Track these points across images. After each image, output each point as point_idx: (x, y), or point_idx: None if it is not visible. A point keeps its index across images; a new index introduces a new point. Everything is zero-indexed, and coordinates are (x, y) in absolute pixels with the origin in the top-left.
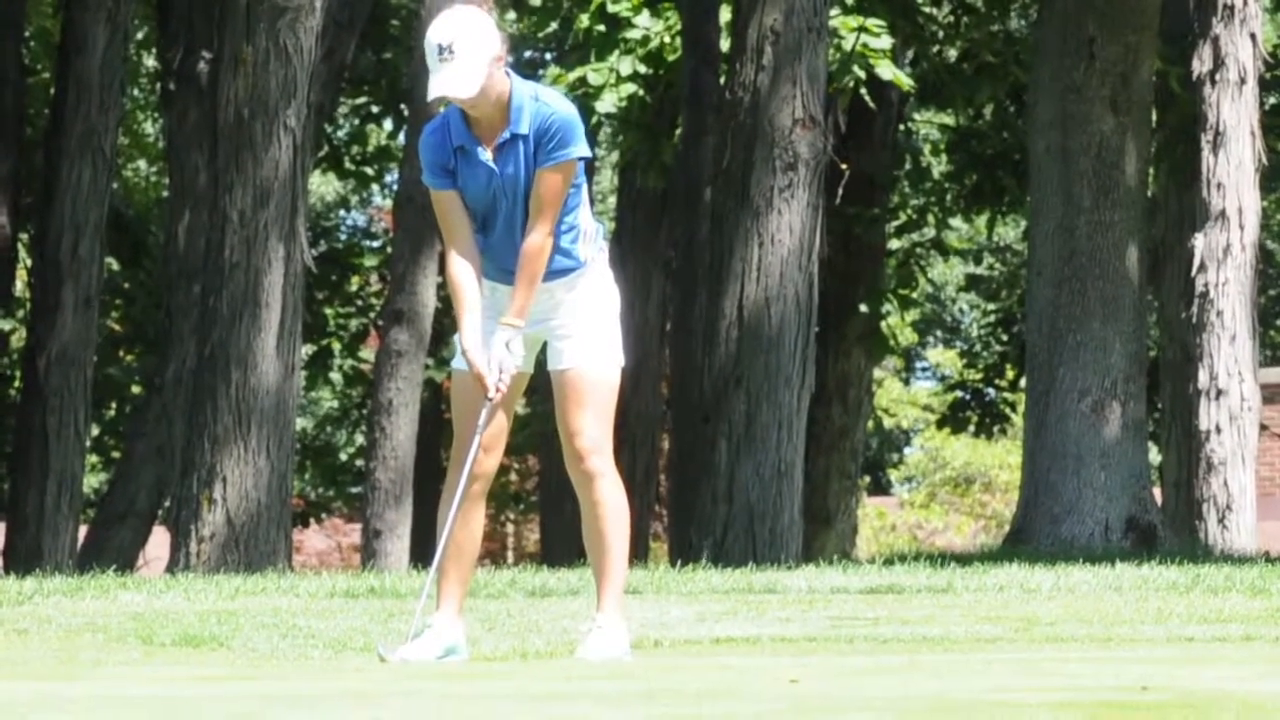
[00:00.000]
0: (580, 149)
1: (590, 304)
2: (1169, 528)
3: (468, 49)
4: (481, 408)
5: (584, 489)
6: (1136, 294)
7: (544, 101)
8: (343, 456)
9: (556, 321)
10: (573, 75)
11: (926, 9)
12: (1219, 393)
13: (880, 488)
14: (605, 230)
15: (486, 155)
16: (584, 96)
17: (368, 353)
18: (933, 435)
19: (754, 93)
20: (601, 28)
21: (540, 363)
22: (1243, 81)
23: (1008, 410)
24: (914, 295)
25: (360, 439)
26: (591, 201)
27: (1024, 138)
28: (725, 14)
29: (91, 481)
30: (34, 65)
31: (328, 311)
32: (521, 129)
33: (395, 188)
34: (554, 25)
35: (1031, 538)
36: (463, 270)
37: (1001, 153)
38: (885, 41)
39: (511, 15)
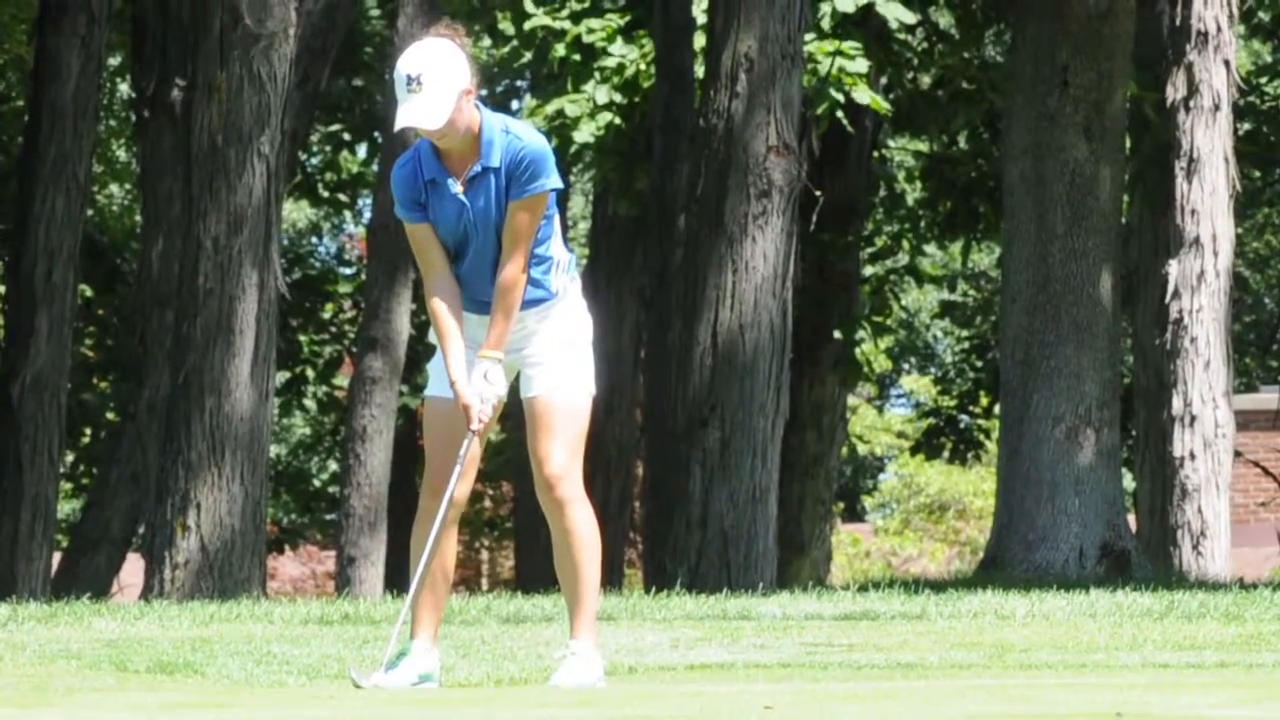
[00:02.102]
0: (552, 181)
1: (562, 333)
2: (1143, 554)
3: (436, 80)
4: (463, 438)
5: (554, 517)
6: (1110, 320)
7: (514, 134)
8: (316, 483)
9: (529, 350)
10: (550, 107)
11: (901, 35)
12: (1193, 419)
13: (854, 514)
14: (576, 259)
15: (457, 188)
16: (561, 127)
17: (342, 379)
18: (907, 462)
19: (728, 119)
20: (577, 57)
21: (514, 390)
22: (1216, 108)
23: (982, 437)
24: (888, 322)
25: (334, 466)
26: (565, 229)
27: (998, 164)
28: (700, 41)
29: (65, 508)
30: (7, 92)
31: (301, 338)
32: (492, 162)
33: (368, 215)
34: (528, 56)
35: (1006, 564)
36: (442, 301)
37: (976, 179)
38: (861, 65)
39: (487, 42)
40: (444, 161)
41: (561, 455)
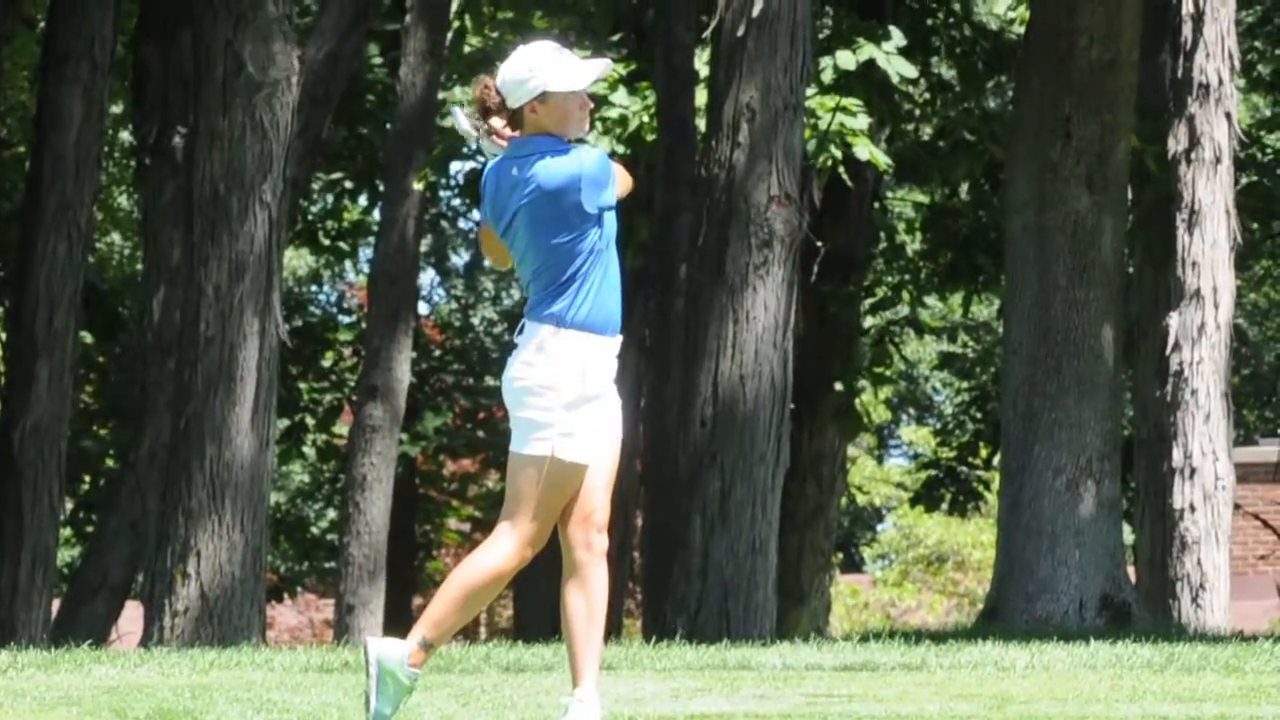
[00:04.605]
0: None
1: (516, 379)
2: (1143, 606)
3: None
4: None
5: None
6: (1111, 372)
7: None
8: (315, 531)
9: None
10: None
11: (903, 87)
12: (1193, 472)
13: (853, 565)
14: (550, 315)
15: None
16: None
17: (341, 428)
18: (906, 513)
19: (730, 169)
20: None
21: None
22: (1218, 160)
23: (981, 488)
24: (888, 373)
25: (333, 514)
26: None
27: (999, 216)
28: (702, 91)
29: (65, 555)
30: (10, 139)
31: (301, 386)
32: None
33: (368, 263)
34: None
35: (1006, 615)
36: None
37: (977, 231)
38: (862, 121)
39: None
40: None
41: (504, 524)
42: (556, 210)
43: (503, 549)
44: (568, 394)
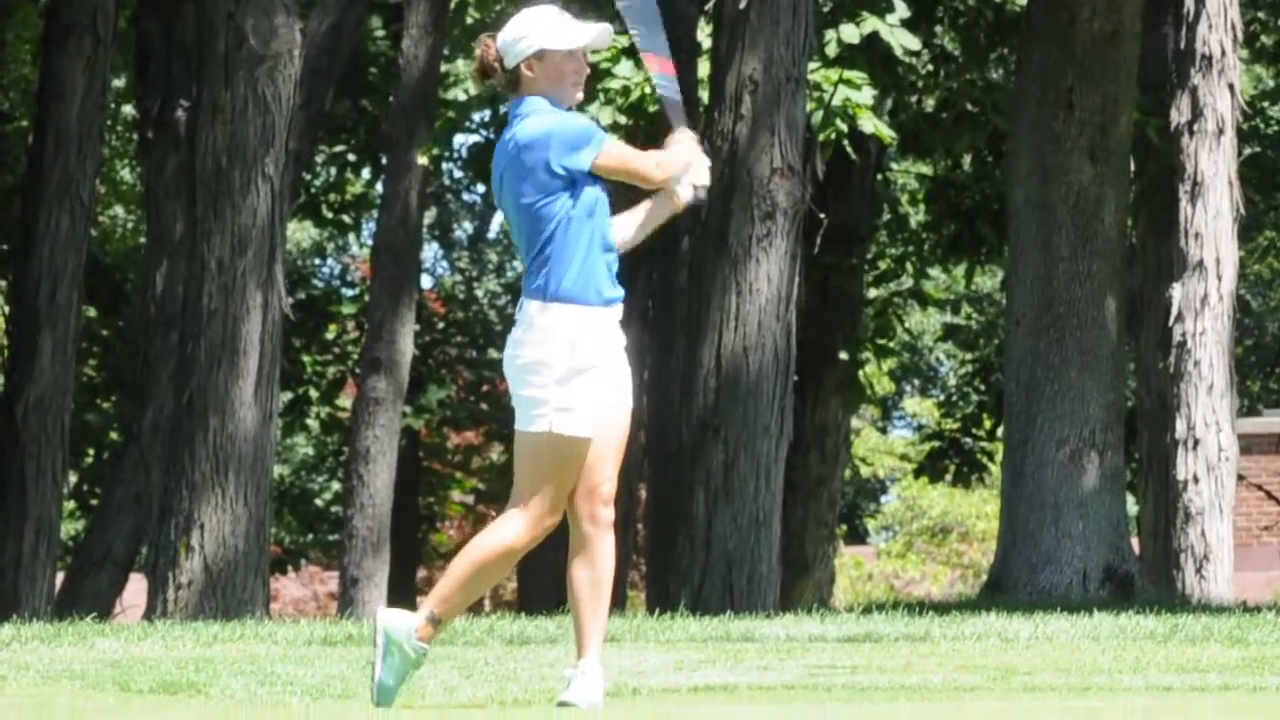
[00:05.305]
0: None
1: (514, 357)
2: (1146, 577)
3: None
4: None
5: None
6: (1114, 343)
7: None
8: (319, 504)
9: None
10: None
11: (906, 59)
12: (1196, 443)
13: (857, 537)
14: (545, 287)
15: None
16: None
17: (345, 400)
18: (910, 484)
19: (732, 142)
20: None
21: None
22: (1221, 132)
23: (985, 460)
24: (892, 344)
25: (337, 486)
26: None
27: (1003, 187)
28: (705, 65)
29: (69, 528)
30: (12, 113)
31: (305, 359)
32: None
33: (372, 236)
34: None
35: (1009, 587)
36: None
37: (980, 202)
38: (866, 95)
39: None
40: None
41: (514, 502)
42: (526, 167)
43: (513, 527)
44: (558, 369)
